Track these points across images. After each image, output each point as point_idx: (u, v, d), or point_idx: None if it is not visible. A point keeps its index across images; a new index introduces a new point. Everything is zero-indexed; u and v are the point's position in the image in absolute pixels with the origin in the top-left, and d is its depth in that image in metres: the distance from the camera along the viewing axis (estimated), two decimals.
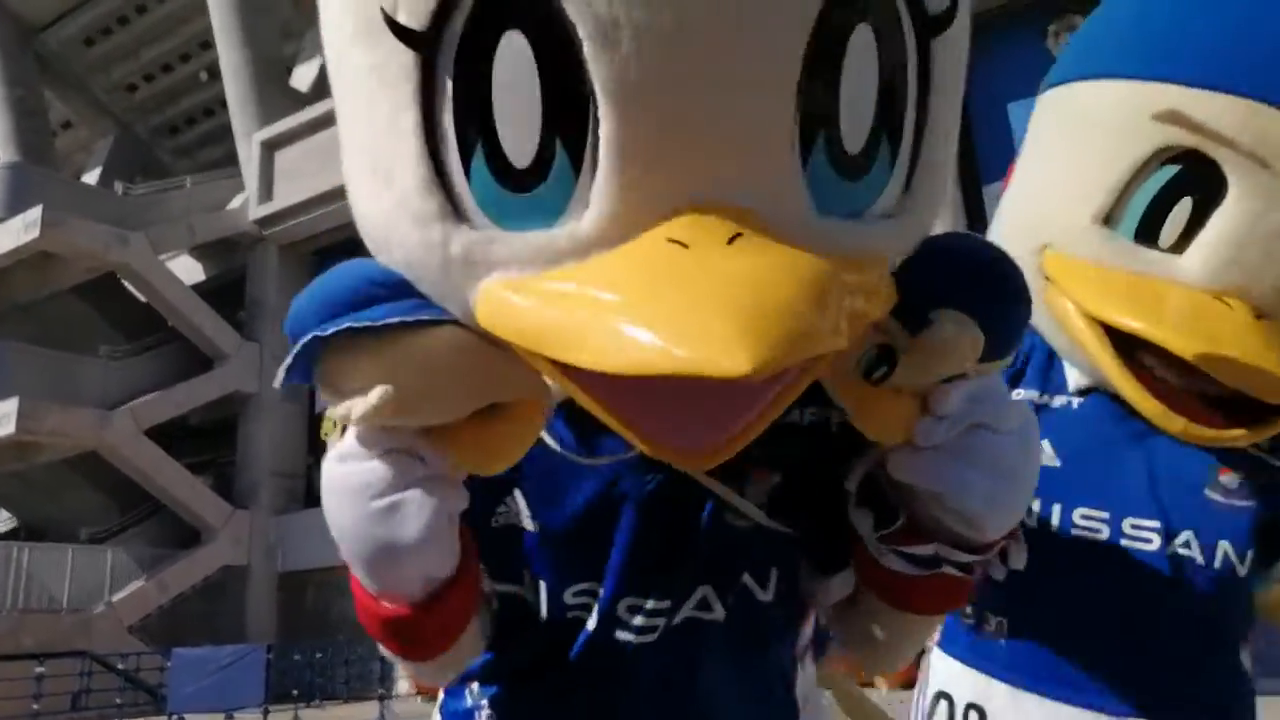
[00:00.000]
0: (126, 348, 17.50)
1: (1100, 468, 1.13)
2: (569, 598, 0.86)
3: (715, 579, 0.85)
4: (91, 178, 22.27)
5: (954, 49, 0.71)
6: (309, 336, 0.66)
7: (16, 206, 16.11)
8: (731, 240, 0.59)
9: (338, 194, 4.29)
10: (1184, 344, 1.00)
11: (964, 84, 0.76)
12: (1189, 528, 1.09)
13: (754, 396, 0.64)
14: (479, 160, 0.63)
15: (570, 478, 0.85)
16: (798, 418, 0.84)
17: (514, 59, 0.60)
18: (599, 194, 0.61)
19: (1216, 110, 1.02)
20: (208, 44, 19.47)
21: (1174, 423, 1.05)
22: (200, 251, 18.90)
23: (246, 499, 17.31)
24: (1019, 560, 0.79)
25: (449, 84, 0.63)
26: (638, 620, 0.84)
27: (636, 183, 0.60)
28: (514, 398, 0.71)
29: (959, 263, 0.73)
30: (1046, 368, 1.21)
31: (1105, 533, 1.11)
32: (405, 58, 0.63)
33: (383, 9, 0.63)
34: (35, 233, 15.32)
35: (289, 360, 0.68)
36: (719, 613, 0.85)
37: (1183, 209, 1.06)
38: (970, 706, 1.17)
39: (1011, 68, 10.48)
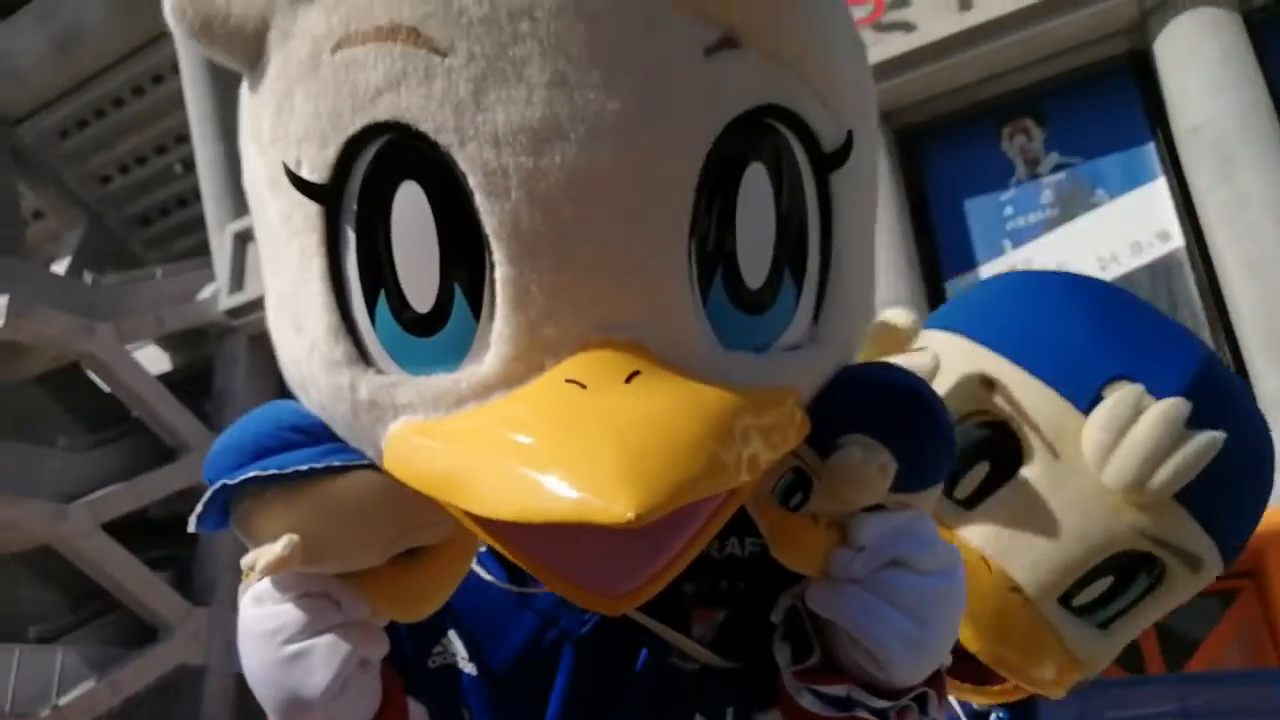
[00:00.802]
0: (88, 439, 17.14)
1: None
2: None
3: None
4: (61, 267, 22.15)
5: (855, 182, 0.71)
6: (217, 485, 0.67)
7: None
8: (629, 379, 0.58)
9: None
10: None
11: (874, 217, 0.78)
12: None
13: (667, 536, 0.62)
14: (383, 306, 0.65)
15: (507, 617, 0.84)
16: (738, 550, 0.83)
17: (411, 208, 0.62)
18: (498, 337, 0.61)
19: (1034, 396, 1.14)
20: (183, 137, 19.71)
21: None
22: (168, 341, 18.73)
23: (206, 595, 16.75)
24: (936, 712, 0.77)
25: (351, 234, 0.65)
26: None
27: (533, 325, 0.61)
28: (431, 542, 0.70)
29: (873, 390, 0.73)
30: None
31: None
32: (310, 209, 0.66)
33: (284, 165, 0.66)
34: (0, 322, 15.15)
35: (199, 508, 0.69)
36: None
37: (981, 470, 1.18)
38: None
39: (968, 167, 10.91)
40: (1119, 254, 10.31)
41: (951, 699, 1.27)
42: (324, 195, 0.65)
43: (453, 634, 0.86)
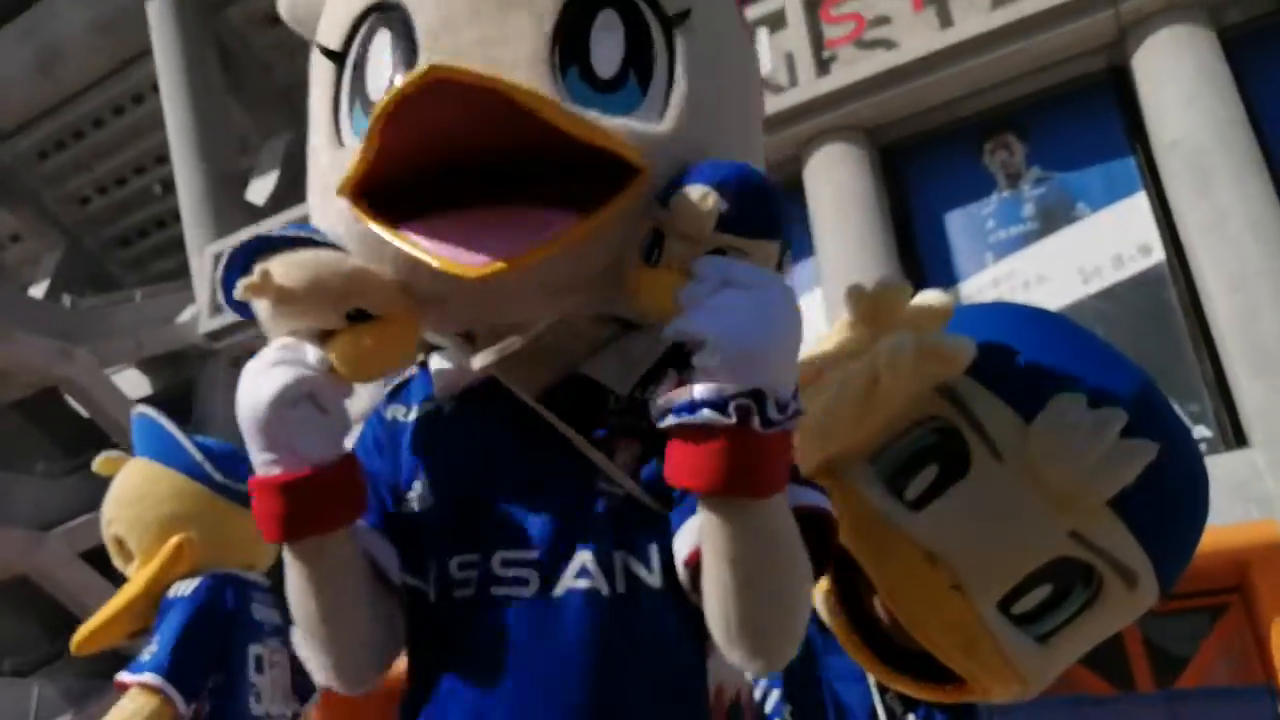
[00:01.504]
0: (65, 465, 16.89)
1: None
2: (454, 570, 0.94)
3: (593, 544, 0.92)
4: (39, 290, 21.94)
5: (699, 36, 0.99)
6: (231, 249, 0.93)
7: None
8: None
9: None
10: (889, 600, 1.22)
11: (738, 70, 1.08)
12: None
13: (538, 228, 0.86)
14: (358, 111, 0.99)
15: (442, 438, 1.02)
16: (651, 394, 0.96)
17: (379, 46, 0.98)
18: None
19: (985, 404, 1.22)
20: (163, 158, 19.58)
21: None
22: (148, 365, 18.54)
23: None
24: (775, 414, 0.83)
25: (349, 76, 1.02)
26: (512, 573, 0.92)
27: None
28: (377, 310, 0.91)
29: (720, 165, 0.90)
30: None
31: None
32: (327, 66, 1.04)
33: (317, 43, 1.05)
34: None
35: (221, 274, 0.94)
36: (604, 587, 0.91)
37: (930, 473, 1.24)
38: None
39: (950, 181, 10.96)
40: (1101, 267, 10.35)
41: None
42: (335, 56, 1.03)
43: (416, 483, 1.02)
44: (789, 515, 0.88)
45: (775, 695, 1.34)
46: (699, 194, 0.85)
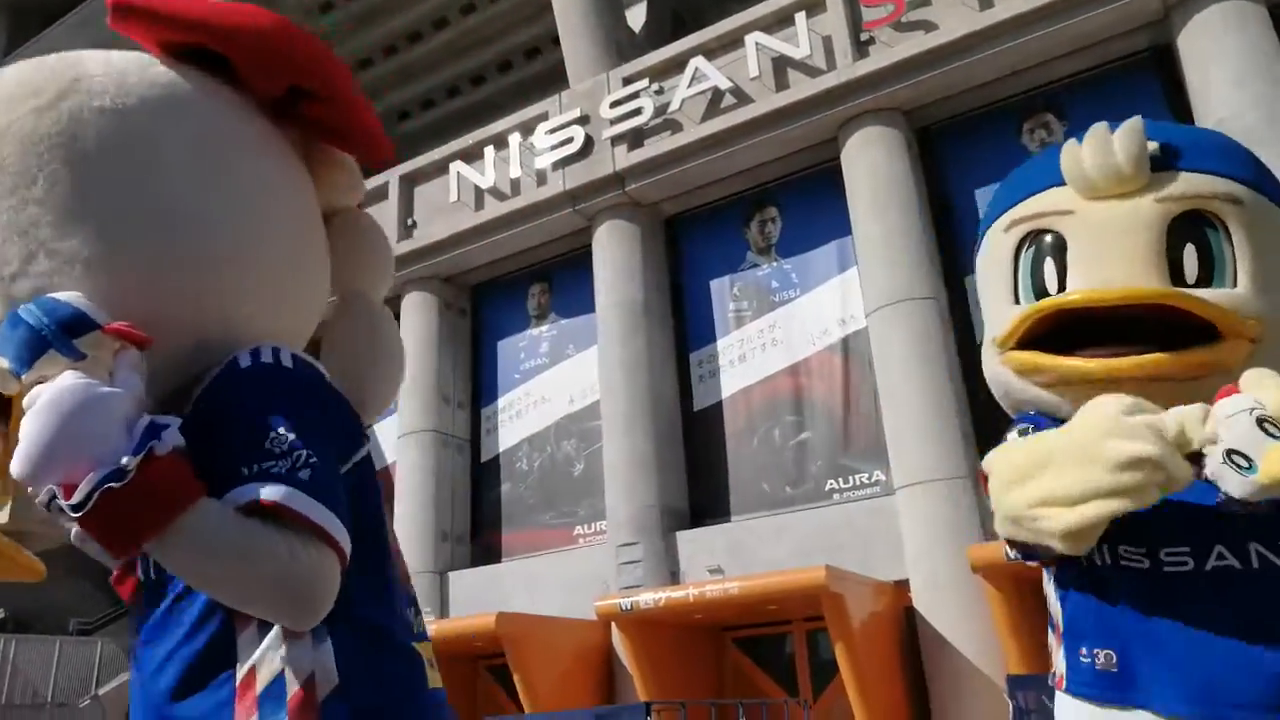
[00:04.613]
0: None
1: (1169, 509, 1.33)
2: None
3: None
4: None
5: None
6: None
7: None
8: None
9: None
10: (1079, 299, 1.44)
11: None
12: (1220, 544, 1.31)
13: None
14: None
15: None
16: None
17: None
18: None
19: (1037, 203, 1.53)
20: None
21: (1105, 366, 1.41)
22: None
23: None
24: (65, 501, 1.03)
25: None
26: None
27: None
28: None
29: None
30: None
31: (1190, 565, 1.32)
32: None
33: None
34: None
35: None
36: None
37: (1050, 266, 1.51)
38: None
39: (988, 161, 10.91)
40: None
41: None
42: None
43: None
44: (193, 533, 1.04)
45: None
46: None
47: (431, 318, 14.76)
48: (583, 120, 13.54)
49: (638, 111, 12.95)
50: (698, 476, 12.42)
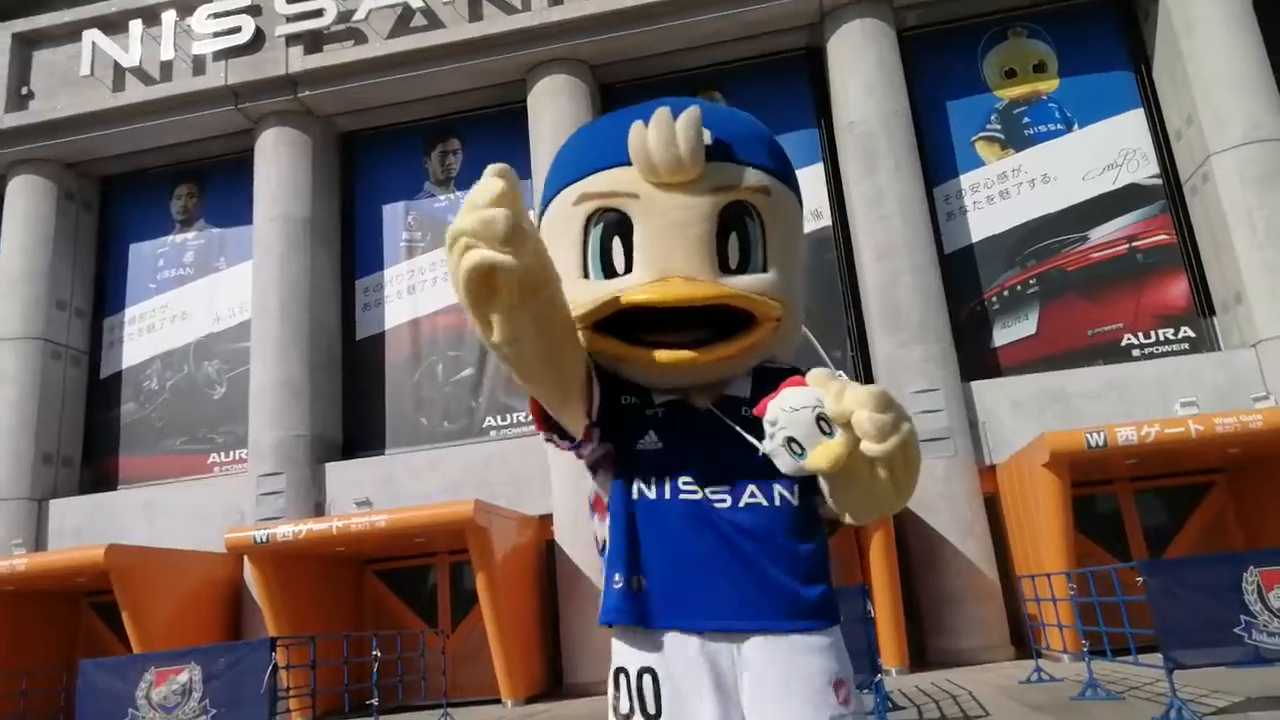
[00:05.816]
0: None
1: (692, 453, 1.54)
2: None
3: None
4: None
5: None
6: None
7: None
8: None
9: None
10: (652, 298, 1.53)
11: None
12: (753, 483, 1.52)
13: None
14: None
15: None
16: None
17: None
18: None
19: (605, 180, 1.60)
20: None
21: (674, 356, 1.54)
22: None
23: None
24: None
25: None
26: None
27: None
28: None
29: None
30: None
31: (698, 497, 1.51)
32: None
33: None
34: None
35: None
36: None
37: (618, 246, 1.59)
38: (643, 671, 1.45)
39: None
40: None
41: None
42: None
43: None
44: None
45: None
46: None
47: (47, 207, 12.71)
48: (253, 11, 12.28)
49: (319, 13, 12.00)
50: (354, 407, 12.01)
